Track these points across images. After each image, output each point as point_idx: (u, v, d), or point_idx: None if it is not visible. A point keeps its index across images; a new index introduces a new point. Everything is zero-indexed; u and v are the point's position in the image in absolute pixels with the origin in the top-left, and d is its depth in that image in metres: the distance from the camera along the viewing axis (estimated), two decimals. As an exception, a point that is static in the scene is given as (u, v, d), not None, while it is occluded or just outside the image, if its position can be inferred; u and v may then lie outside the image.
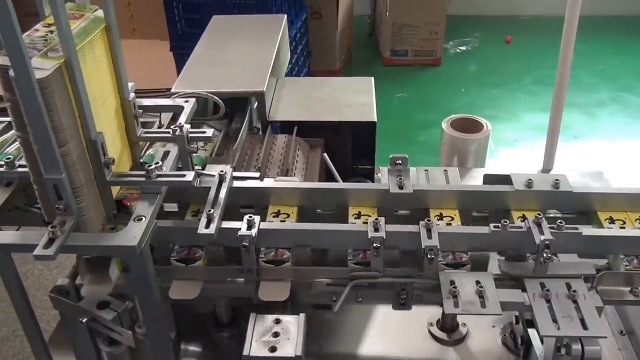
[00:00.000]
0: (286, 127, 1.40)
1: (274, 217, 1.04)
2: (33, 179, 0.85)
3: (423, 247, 0.89)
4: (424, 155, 3.09)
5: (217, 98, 1.27)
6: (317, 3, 3.62)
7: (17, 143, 1.25)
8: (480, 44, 4.32)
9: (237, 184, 1.05)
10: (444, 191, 1.02)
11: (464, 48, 4.25)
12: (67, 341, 1.06)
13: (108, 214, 0.91)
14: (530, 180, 1.00)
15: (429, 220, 0.93)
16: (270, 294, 0.94)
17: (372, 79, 1.52)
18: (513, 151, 3.16)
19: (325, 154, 1.15)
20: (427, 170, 1.19)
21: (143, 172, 0.89)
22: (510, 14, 4.67)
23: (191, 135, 0.99)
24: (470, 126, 1.74)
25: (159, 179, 0.89)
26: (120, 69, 0.93)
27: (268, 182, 1.07)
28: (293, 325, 0.87)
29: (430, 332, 1.11)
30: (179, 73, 3.20)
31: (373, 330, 1.12)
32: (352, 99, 1.43)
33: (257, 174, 1.11)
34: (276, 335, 0.86)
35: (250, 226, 0.93)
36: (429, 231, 0.91)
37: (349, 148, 1.40)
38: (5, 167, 0.91)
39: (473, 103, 3.62)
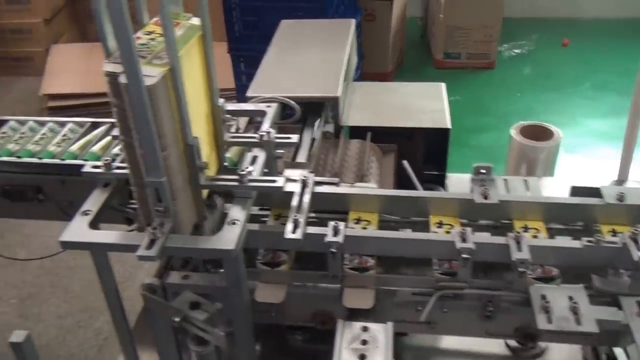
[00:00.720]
0: (355, 132, 1.40)
1: (354, 223, 1.04)
2: (133, 180, 0.87)
3: (513, 259, 0.88)
4: (477, 160, 3.04)
5: (293, 102, 1.27)
6: (371, 5, 3.61)
7: (102, 143, 1.30)
8: (536, 46, 4.23)
9: (317, 189, 1.05)
10: (531, 202, 1.01)
11: (518, 51, 4.17)
12: (145, 336, 1.10)
13: (199, 217, 0.93)
14: (622, 193, 0.97)
15: (518, 232, 0.91)
16: (355, 301, 0.94)
17: (443, 84, 1.51)
18: (574, 158, 3.08)
19: (405, 161, 1.14)
20: (505, 180, 1.17)
21: (235, 177, 0.91)
22: (567, 16, 4.56)
23: (277, 140, 1.00)
24: (539, 133, 1.71)
25: (251, 184, 0.90)
26: (212, 74, 0.95)
27: (349, 188, 1.07)
28: (381, 333, 0.87)
29: (507, 344, 1.09)
30: (235, 74, 3.27)
31: (447, 339, 1.11)
32: (424, 104, 1.42)
33: (336, 180, 1.12)
34: (364, 342, 0.87)
35: (335, 232, 0.94)
36: (518, 243, 0.90)
37: (419, 154, 1.39)
38: (103, 168, 0.94)
39: (529, 107, 3.55)
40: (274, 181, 0.90)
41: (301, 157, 1.18)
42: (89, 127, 1.32)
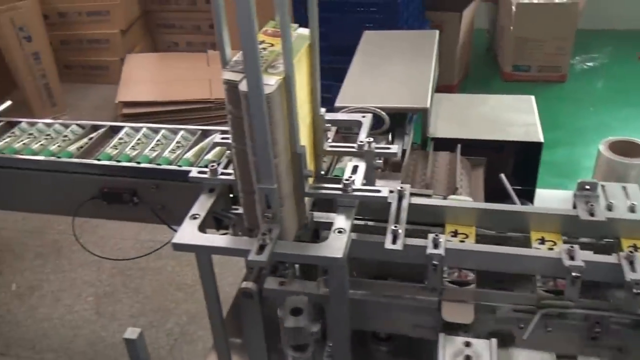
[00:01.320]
0: (440, 144, 1.39)
1: (451, 236, 1.03)
2: (241, 187, 0.90)
3: (627, 279, 0.85)
4: (550, 176, 2.96)
5: (383, 113, 1.28)
6: (439, 17, 3.58)
7: (194, 150, 1.34)
8: (609, 59, 4.09)
9: (412, 200, 1.04)
10: (642, 221, 0.97)
11: (591, 64, 4.04)
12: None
13: (300, 225, 0.94)
14: None
15: (630, 252, 0.88)
16: (455, 315, 0.93)
17: (532, 97, 1.48)
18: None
19: (502, 175, 1.12)
20: (603, 186, 1.12)
21: (339, 186, 0.92)
22: (643, 29, 4.40)
23: (377, 150, 1.01)
24: (629, 149, 1.65)
25: (355, 193, 0.90)
26: (317, 84, 0.96)
27: (445, 200, 1.06)
28: (485, 349, 0.86)
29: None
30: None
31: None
32: (514, 117, 1.40)
33: (430, 191, 1.11)
34: (468, 358, 0.85)
35: (436, 245, 0.93)
36: (632, 263, 0.87)
37: (509, 168, 1.36)
38: (209, 173, 0.97)
39: (603, 122, 3.43)
40: (378, 191, 0.91)
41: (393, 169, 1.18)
42: (200, 134, 1.37)
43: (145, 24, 4.49)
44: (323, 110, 1.00)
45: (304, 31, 0.94)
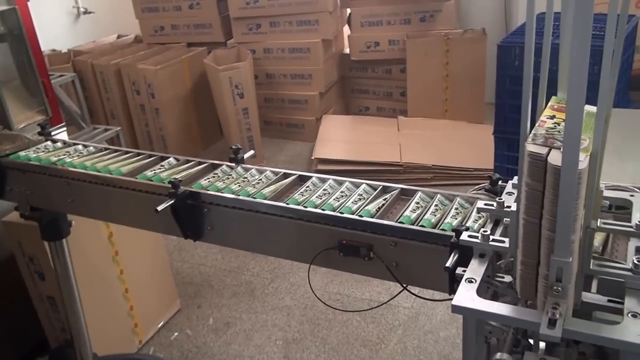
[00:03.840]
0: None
1: None
2: (522, 259, 0.90)
3: None
4: None
5: (645, 195, 1.21)
6: (647, 96, 3.36)
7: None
8: None
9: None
10: None
11: None
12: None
13: (576, 302, 0.91)
14: None
15: None
16: None
17: None
18: None
19: None
20: None
21: (627, 266, 0.88)
22: None
23: (661, 233, 0.95)
24: None
25: (648, 276, 0.86)
26: (601, 160, 0.94)
27: None
28: None
29: None
30: (496, 156, 3.26)
31: None
32: None
33: None
34: None
35: None
36: None
37: None
38: (481, 239, 0.99)
39: None
40: (678, 277, 0.85)
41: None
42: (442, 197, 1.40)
43: (341, 88, 4.80)
44: (602, 185, 0.98)
45: (591, 108, 0.94)
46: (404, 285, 1.41)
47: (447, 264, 1.07)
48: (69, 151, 1.79)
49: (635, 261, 0.87)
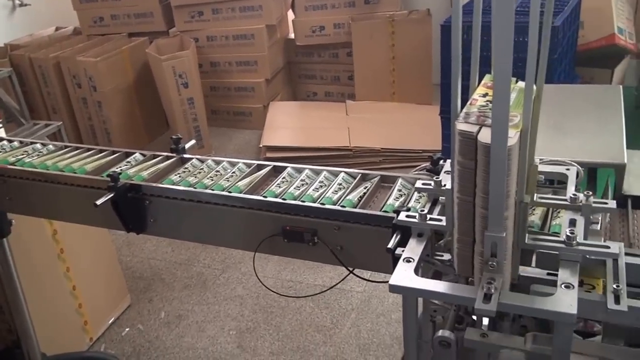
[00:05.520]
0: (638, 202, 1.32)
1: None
2: (457, 237, 0.91)
3: None
4: None
5: (579, 167, 1.24)
6: (590, 73, 3.47)
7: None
8: None
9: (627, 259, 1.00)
10: None
11: None
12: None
13: (513, 277, 0.93)
14: None
15: None
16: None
17: None
18: None
19: None
20: None
21: (561, 239, 0.90)
22: None
23: (594, 205, 0.98)
24: None
25: (580, 247, 0.88)
26: (535, 135, 0.96)
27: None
28: None
29: None
30: (444, 136, 3.31)
31: None
32: None
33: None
34: None
35: (666, 309, 0.87)
36: None
37: None
38: (419, 218, 0.99)
39: None
40: (607, 247, 0.88)
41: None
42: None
43: (287, 74, 4.75)
44: (537, 160, 0.99)
45: (523, 85, 0.95)
46: (350, 269, 1.41)
47: (389, 245, 1.07)
48: (27, 150, 1.71)
49: (568, 233, 0.89)
